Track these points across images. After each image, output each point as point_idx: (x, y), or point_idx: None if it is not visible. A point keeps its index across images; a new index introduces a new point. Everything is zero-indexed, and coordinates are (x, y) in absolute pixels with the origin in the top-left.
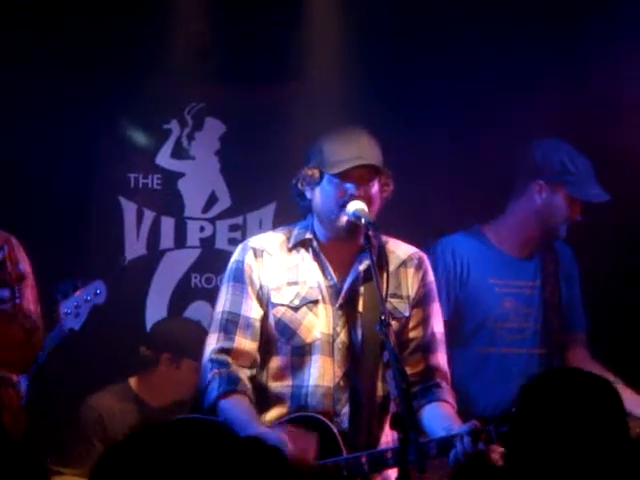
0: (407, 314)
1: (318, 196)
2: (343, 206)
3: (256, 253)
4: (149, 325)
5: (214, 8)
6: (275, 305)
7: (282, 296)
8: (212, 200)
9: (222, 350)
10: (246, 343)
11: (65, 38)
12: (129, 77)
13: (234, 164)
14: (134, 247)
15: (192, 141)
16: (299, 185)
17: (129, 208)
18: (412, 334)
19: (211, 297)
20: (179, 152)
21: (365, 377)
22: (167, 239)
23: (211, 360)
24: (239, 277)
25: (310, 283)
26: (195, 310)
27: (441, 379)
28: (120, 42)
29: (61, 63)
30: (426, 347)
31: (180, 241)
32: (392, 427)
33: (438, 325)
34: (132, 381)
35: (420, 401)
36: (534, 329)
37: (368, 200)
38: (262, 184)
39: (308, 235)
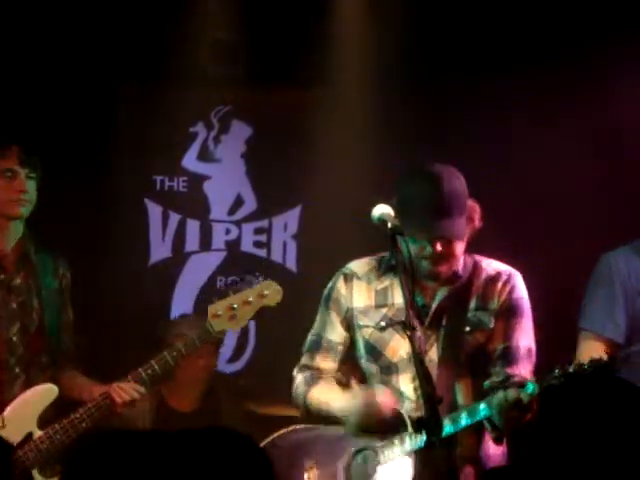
0: (491, 326)
1: (400, 242)
2: (422, 258)
3: (346, 278)
4: None
5: (242, 12)
6: (362, 327)
7: (370, 318)
8: (238, 203)
9: (305, 366)
10: (327, 364)
11: (91, 40)
12: (157, 80)
13: (260, 167)
14: (159, 249)
15: (218, 144)
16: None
17: (155, 210)
18: (494, 345)
19: None
20: (205, 155)
21: (453, 392)
22: (192, 241)
23: (295, 371)
24: (328, 303)
25: (398, 304)
26: None
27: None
28: (148, 45)
29: (91, 65)
30: (507, 359)
31: (205, 244)
32: (416, 431)
33: (524, 340)
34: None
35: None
36: None
37: (449, 254)
38: (288, 187)
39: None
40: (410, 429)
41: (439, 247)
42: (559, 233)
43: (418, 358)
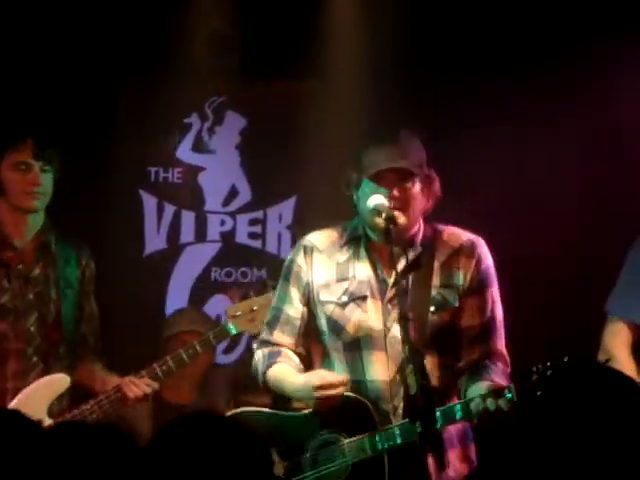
0: (457, 304)
1: (358, 198)
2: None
3: (306, 250)
4: None
5: (237, 3)
6: (324, 302)
7: (331, 293)
8: (232, 194)
9: (263, 342)
10: (285, 338)
11: (88, 32)
12: (150, 70)
13: (254, 158)
14: (154, 241)
15: (213, 135)
16: (343, 188)
17: (149, 202)
18: (466, 323)
19: None
20: (200, 146)
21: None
22: (187, 233)
23: (255, 346)
24: (287, 276)
25: (360, 278)
26: (215, 304)
27: (495, 360)
28: (145, 38)
29: (88, 57)
30: (483, 335)
31: (200, 235)
32: (411, 422)
33: (496, 310)
34: None
35: (466, 384)
36: None
37: (405, 201)
38: (282, 178)
39: (359, 231)
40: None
41: (396, 192)
42: (559, 232)
43: (411, 347)
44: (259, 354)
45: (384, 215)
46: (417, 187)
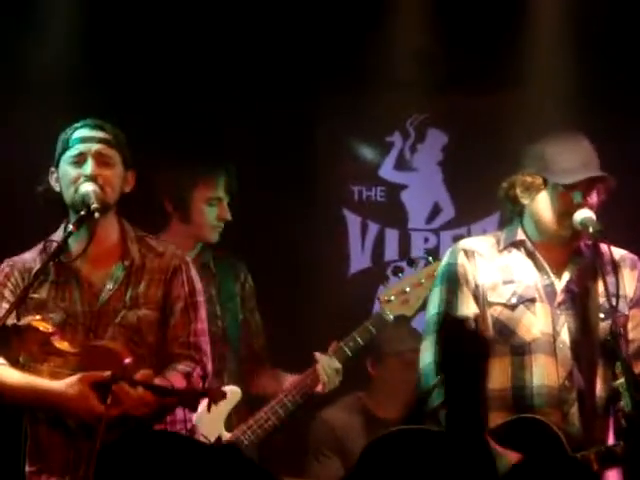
0: (626, 312)
1: (538, 203)
2: (567, 215)
3: (467, 254)
4: None
5: (438, 18)
6: (492, 304)
7: (499, 295)
8: (436, 211)
9: None
10: None
11: (289, 49)
12: (353, 88)
13: (457, 174)
14: (359, 259)
15: (415, 153)
16: (514, 190)
17: (353, 220)
18: (631, 335)
19: None
20: (402, 164)
21: (587, 378)
22: (392, 250)
23: (434, 362)
24: (453, 278)
25: (526, 282)
26: (420, 319)
27: None
28: (345, 52)
29: (285, 72)
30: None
31: (405, 253)
32: (625, 440)
33: None
34: (361, 394)
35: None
36: None
37: (591, 208)
38: (486, 194)
39: (519, 236)
40: None
41: (593, 199)
42: None
43: (626, 365)
44: (440, 379)
45: (591, 229)
46: (598, 195)
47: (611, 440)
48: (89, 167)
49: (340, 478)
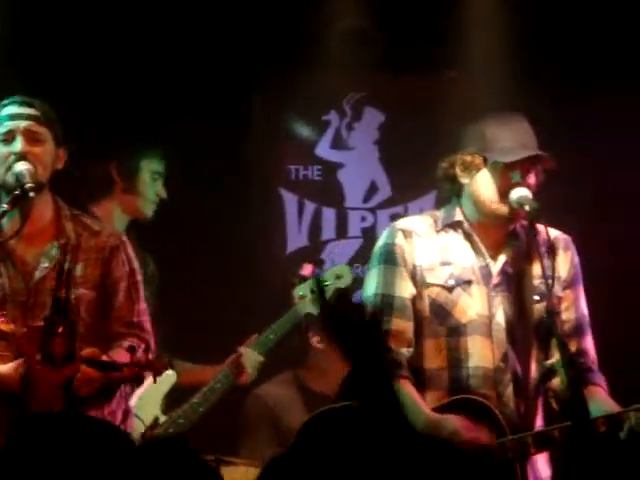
0: (560, 294)
1: (478, 182)
2: (505, 194)
3: (405, 234)
4: None
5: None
6: (429, 285)
7: (436, 276)
8: (372, 190)
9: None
10: (403, 324)
11: (225, 29)
12: (288, 68)
13: (394, 153)
14: (296, 238)
15: (351, 131)
16: (454, 169)
17: (290, 200)
18: (564, 316)
19: None
20: (338, 143)
21: (521, 359)
22: (328, 230)
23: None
24: (390, 259)
25: (463, 264)
26: (357, 299)
27: (591, 363)
28: (279, 33)
29: (220, 53)
30: (577, 329)
31: (342, 231)
32: (564, 416)
33: (585, 307)
34: (297, 369)
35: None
36: None
37: (529, 188)
38: (422, 172)
39: (457, 217)
40: None
41: (532, 180)
42: None
43: (562, 342)
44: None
45: (528, 207)
46: (538, 175)
47: (540, 421)
48: (18, 144)
49: (274, 453)
